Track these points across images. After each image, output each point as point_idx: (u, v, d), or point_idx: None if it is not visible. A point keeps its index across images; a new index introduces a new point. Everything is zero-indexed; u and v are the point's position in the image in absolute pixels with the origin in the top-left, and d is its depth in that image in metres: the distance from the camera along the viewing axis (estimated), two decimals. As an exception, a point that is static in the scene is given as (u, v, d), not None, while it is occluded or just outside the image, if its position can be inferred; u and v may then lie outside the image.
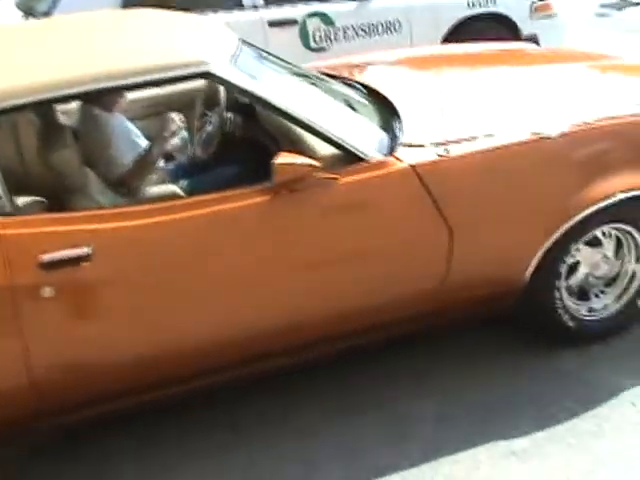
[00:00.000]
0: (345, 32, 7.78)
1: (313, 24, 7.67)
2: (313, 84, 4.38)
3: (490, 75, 4.99)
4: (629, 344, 4.36)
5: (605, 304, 4.36)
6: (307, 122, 3.66)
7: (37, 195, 3.68)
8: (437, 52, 5.99)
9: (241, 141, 4.70)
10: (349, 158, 3.69)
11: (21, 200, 3.55)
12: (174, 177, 4.48)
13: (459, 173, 3.79)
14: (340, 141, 3.68)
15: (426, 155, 3.79)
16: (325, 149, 3.72)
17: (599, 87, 4.70)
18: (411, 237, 3.75)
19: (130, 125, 4.54)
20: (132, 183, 4.20)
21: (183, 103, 5.00)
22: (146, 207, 3.52)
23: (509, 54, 5.75)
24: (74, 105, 4.46)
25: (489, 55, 5.68)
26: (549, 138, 3.88)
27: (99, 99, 4.27)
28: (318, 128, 3.67)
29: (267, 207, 3.54)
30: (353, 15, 7.78)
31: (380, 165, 3.71)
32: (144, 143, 4.46)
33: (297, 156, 3.53)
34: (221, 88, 4.67)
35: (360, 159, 3.70)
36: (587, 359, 4.26)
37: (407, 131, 4.01)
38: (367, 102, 4.43)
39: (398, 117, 4.16)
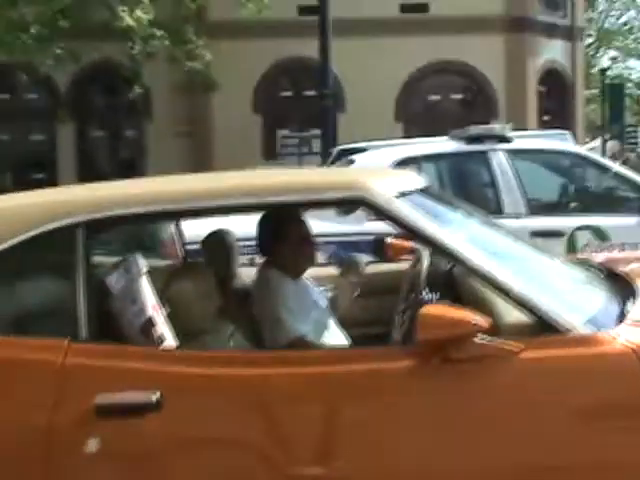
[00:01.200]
0: (622, 250, 6.62)
1: (583, 238, 6.62)
2: (524, 248, 3.37)
3: None
4: None
5: None
6: (483, 270, 2.65)
7: None
8: None
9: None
10: (540, 327, 2.60)
11: None
12: None
13: None
14: (527, 300, 2.59)
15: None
16: (511, 313, 2.67)
17: None
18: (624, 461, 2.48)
19: (317, 296, 3.82)
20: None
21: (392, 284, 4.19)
22: (245, 354, 2.81)
23: None
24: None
25: None
26: None
27: (275, 261, 3.66)
28: (497, 279, 2.63)
29: (402, 376, 2.54)
30: (633, 231, 6.61)
31: (585, 341, 2.56)
32: (326, 319, 3.74)
33: (452, 309, 2.50)
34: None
35: (556, 330, 2.57)
36: None
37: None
38: (596, 279, 3.30)
39: (633, 296, 2.99)
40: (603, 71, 28.15)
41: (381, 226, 4.20)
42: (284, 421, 2.54)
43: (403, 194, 2.87)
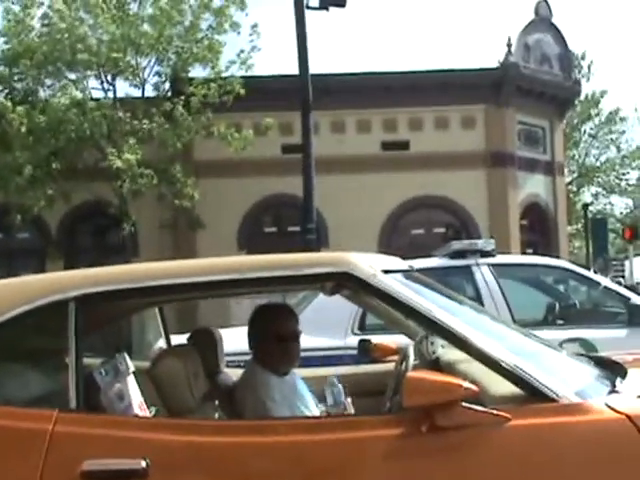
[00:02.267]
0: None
1: (571, 350, 6.56)
2: (511, 330, 3.36)
3: None
4: None
5: None
6: (470, 341, 2.63)
7: None
8: None
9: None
10: (529, 397, 2.56)
11: None
12: None
13: None
14: (515, 371, 2.56)
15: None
16: (499, 387, 2.62)
17: None
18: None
19: (306, 396, 3.77)
20: None
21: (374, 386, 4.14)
22: (230, 423, 2.88)
23: None
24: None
25: None
26: None
27: (260, 358, 3.65)
28: (485, 350, 2.61)
29: (387, 445, 2.48)
30: (622, 343, 6.54)
31: (574, 409, 2.52)
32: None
33: (439, 374, 2.47)
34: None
35: (545, 399, 2.53)
36: None
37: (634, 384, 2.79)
38: (586, 362, 3.27)
39: (623, 375, 2.97)
40: (585, 206, 28.71)
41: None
42: None
43: (387, 271, 2.87)
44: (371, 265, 2.79)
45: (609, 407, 2.52)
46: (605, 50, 52.62)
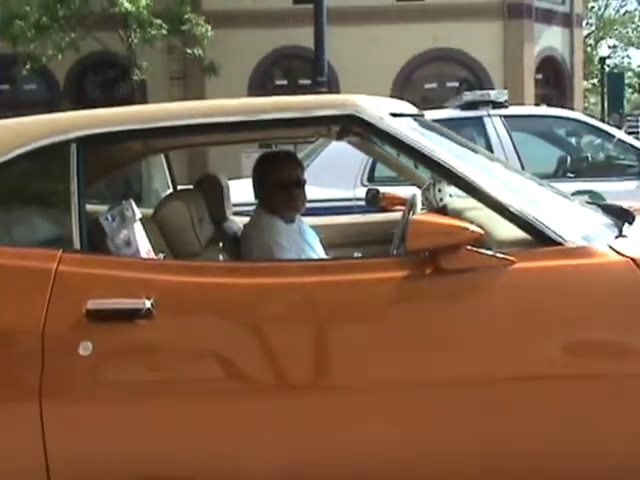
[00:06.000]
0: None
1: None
2: (519, 176, 3.32)
3: None
4: None
5: None
6: (477, 185, 2.58)
7: None
8: None
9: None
10: (535, 240, 2.54)
11: None
12: None
13: None
14: (523, 214, 2.53)
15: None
16: (505, 231, 2.61)
17: None
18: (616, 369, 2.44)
19: (312, 241, 3.80)
20: None
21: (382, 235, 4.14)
22: (239, 264, 2.85)
23: None
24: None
25: None
26: None
27: (265, 204, 3.68)
28: (491, 193, 2.57)
29: (390, 287, 2.48)
30: (633, 195, 6.53)
31: (580, 252, 2.50)
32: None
33: (444, 217, 2.45)
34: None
35: (552, 242, 2.51)
36: None
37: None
38: (593, 209, 3.25)
39: (631, 221, 2.95)
40: (602, 60, 27.89)
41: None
42: (274, 330, 2.50)
43: (396, 115, 2.81)
44: (378, 107, 2.73)
45: (614, 250, 2.51)
46: None
